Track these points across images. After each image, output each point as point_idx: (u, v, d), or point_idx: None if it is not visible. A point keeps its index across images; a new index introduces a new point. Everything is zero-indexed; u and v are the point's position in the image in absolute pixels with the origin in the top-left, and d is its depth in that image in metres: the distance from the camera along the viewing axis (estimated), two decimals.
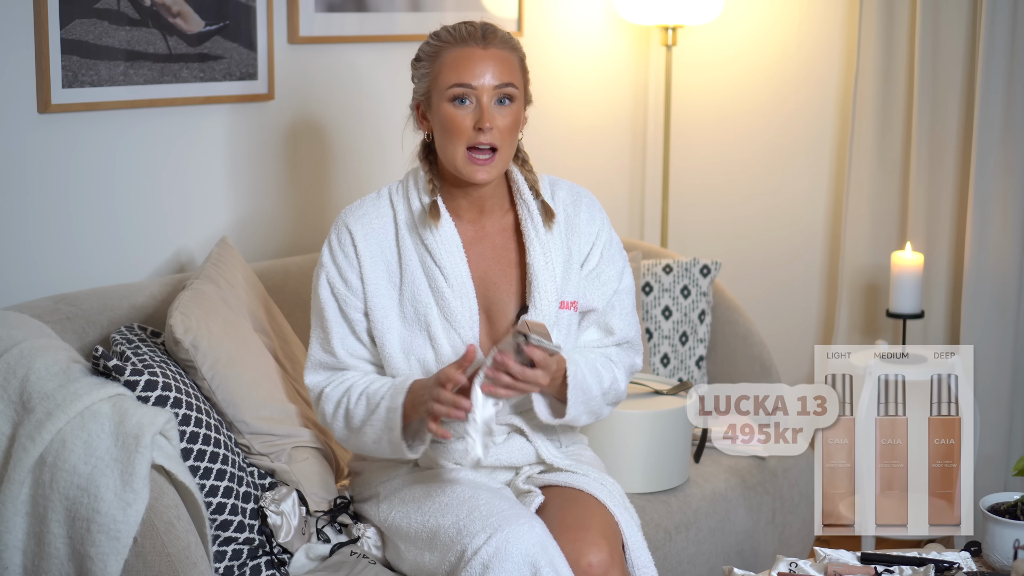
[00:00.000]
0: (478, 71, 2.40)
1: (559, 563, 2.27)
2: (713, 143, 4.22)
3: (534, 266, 2.47)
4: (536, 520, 2.32)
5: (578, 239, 2.53)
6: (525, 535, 2.27)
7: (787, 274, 4.17)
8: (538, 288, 2.46)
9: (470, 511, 2.34)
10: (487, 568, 2.25)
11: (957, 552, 2.58)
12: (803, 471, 3.27)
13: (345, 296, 2.47)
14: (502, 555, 2.25)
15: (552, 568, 2.25)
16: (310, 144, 3.27)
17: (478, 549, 2.27)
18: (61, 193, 2.78)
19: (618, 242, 2.61)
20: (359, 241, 2.46)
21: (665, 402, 2.95)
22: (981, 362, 3.66)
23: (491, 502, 2.36)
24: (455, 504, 2.38)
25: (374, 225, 2.48)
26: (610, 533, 2.39)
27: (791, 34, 4.08)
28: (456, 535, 2.33)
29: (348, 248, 2.47)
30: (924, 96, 3.74)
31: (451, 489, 2.42)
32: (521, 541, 2.26)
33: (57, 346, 2.38)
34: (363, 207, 2.50)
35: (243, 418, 2.52)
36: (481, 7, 3.66)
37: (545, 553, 2.26)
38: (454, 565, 2.32)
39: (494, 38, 2.43)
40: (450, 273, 2.44)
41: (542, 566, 2.25)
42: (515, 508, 2.35)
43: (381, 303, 2.46)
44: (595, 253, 2.55)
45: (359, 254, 2.46)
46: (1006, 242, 3.67)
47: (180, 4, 2.92)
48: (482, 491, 2.41)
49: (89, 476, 2.17)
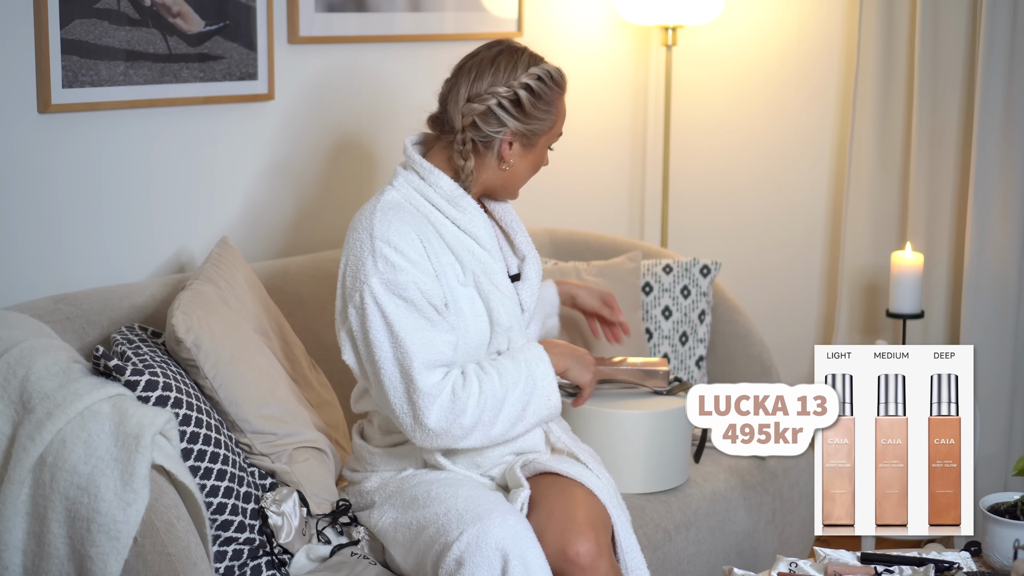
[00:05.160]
0: None
1: (530, 555, 2.29)
2: (713, 143, 4.22)
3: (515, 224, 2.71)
4: (511, 512, 2.35)
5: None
6: (497, 528, 2.30)
7: (787, 274, 4.17)
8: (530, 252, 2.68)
9: (447, 509, 2.38)
10: (461, 564, 2.29)
11: (957, 552, 2.58)
12: (803, 471, 3.27)
13: (435, 292, 2.45)
14: (474, 549, 2.29)
15: (521, 560, 2.27)
16: (310, 144, 3.27)
17: (452, 544, 2.31)
18: (61, 193, 2.78)
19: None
20: (424, 240, 2.47)
21: (665, 402, 2.95)
22: (981, 362, 3.66)
23: (470, 498, 2.39)
24: (435, 503, 2.41)
25: (421, 223, 2.49)
26: (598, 524, 2.41)
27: (791, 34, 4.08)
28: (435, 533, 2.37)
29: (418, 246, 2.45)
30: (924, 96, 3.74)
31: (434, 489, 2.45)
32: (492, 534, 2.29)
33: (57, 346, 2.38)
34: (402, 209, 2.50)
35: (245, 416, 2.52)
36: (481, 7, 3.66)
37: (516, 545, 2.28)
38: (435, 562, 2.34)
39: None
40: (486, 243, 2.55)
41: (512, 558, 2.27)
42: (492, 502, 2.37)
43: (455, 295, 2.50)
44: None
45: (427, 250, 2.47)
46: (1006, 242, 3.67)
47: (180, 4, 2.92)
48: (463, 488, 2.44)
49: (89, 476, 2.17)
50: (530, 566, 2.29)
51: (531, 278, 2.65)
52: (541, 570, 2.30)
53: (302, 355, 2.82)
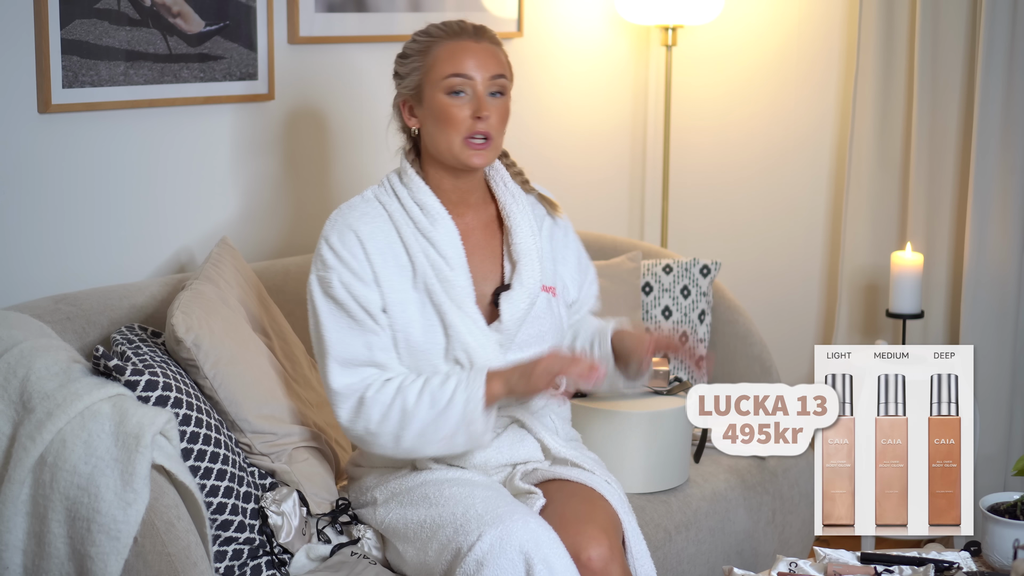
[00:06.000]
0: (474, 62, 2.47)
1: (553, 558, 2.27)
2: (713, 143, 4.22)
3: (520, 245, 2.55)
4: (532, 515, 2.33)
5: (551, 241, 2.65)
6: (519, 531, 2.28)
7: (787, 274, 4.17)
8: (524, 264, 2.54)
9: (466, 509, 2.35)
10: (482, 565, 2.26)
11: (957, 552, 2.58)
12: (803, 471, 3.26)
13: (364, 294, 2.46)
14: (496, 551, 2.26)
15: (545, 564, 2.25)
16: (310, 144, 3.27)
17: (472, 545, 2.28)
18: (61, 193, 2.78)
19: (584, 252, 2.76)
20: (366, 241, 2.48)
21: (665, 402, 2.95)
22: (981, 362, 3.66)
23: (488, 499, 2.37)
24: (452, 503, 2.39)
25: (376, 223, 2.50)
26: (611, 528, 2.40)
27: (791, 34, 4.08)
28: (453, 533, 2.34)
29: (355, 248, 2.47)
30: (924, 96, 3.74)
31: (448, 488, 2.43)
32: (515, 537, 2.27)
33: (57, 346, 2.38)
34: (357, 208, 2.53)
35: (245, 416, 2.52)
36: (481, 7, 3.66)
37: (539, 549, 2.26)
38: (451, 563, 2.33)
39: (484, 33, 2.52)
40: (454, 262, 2.49)
41: (535, 562, 2.25)
42: (511, 505, 2.36)
43: (399, 298, 2.48)
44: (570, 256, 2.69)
45: (368, 253, 2.47)
46: (1006, 242, 3.67)
47: (180, 4, 2.92)
48: (479, 489, 2.42)
49: (89, 476, 2.17)
50: (555, 569, 2.26)
51: (515, 292, 2.53)
52: (567, 572, 2.28)
53: (302, 355, 2.82)
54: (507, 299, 2.52)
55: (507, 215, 2.57)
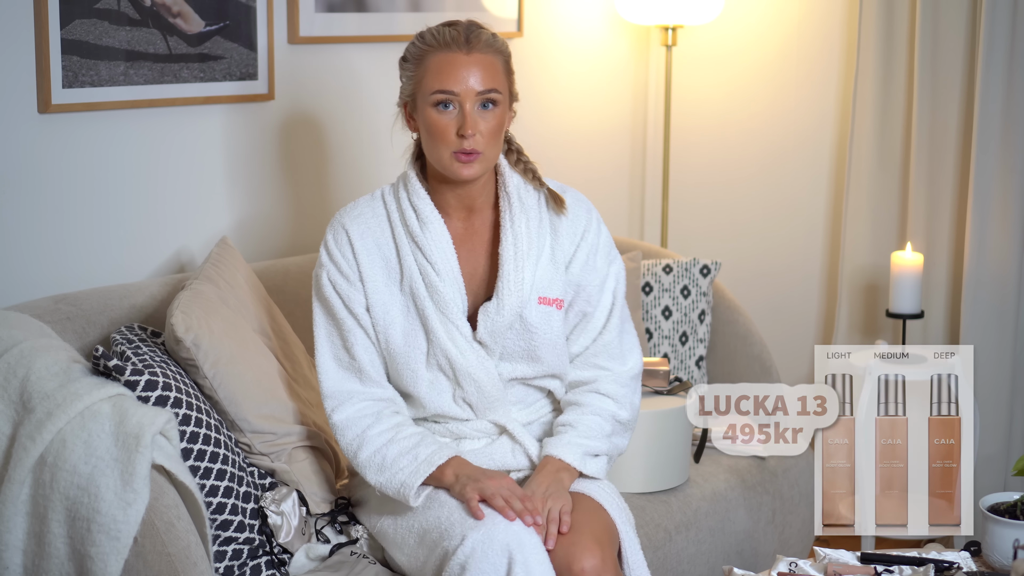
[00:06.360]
0: (460, 77, 2.41)
1: (532, 563, 2.26)
2: (713, 143, 4.22)
3: (503, 256, 2.49)
4: (518, 520, 2.33)
5: (561, 240, 2.54)
6: (502, 532, 2.28)
7: (787, 274, 4.17)
8: (503, 279, 2.48)
9: (451, 512, 2.37)
10: (464, 568, 2.26)
11: (957, 552, 2.58)
12: (803, 471, 3.27)
13: (348, 293, 2.49)
14: (479, 553, 2.27)
15: (524, 568, 2.25)
16: (310, 144, 3.27)
17: (456, 548, 2.29)
18: (61, 193, 2.78)
19: (607, 244, 2.59)
20: (355, 240, 2.49)
21: (665, 402, 2.95)
22: (981, 362, 3.66)
23: None
24: (437, 506, 2.40)
25: (370, 224, 2.51)
26: (604, 538, 2.38)
27: (791, 34, 4.08)
28: (439, 537, 2.35)
29: (345, 247, 2.50)
30: (924, 96, 3.74)
31: (436, 494, 2.43)
32: (498, 538, 2.27)
33: (57, 346, 2.38)
34: (358, 207, 2.54)
35: (245, 416, 2.52)
36: (481, 7, 3.66)
37: (522, 550, 2.26)
38: (438, 566, 2.33)
39: (477, 42, 2.43)
40: (441, 268, 2.48)
41: (516, 563, 2.25)
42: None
43: (381, 299, 2.49)
44: (579, 257, 2.55)
45: (356, 252, 2.49)
46: (1006, 242, 3.67)
47: (180, 4, 2.92)
48: None
49: (89, 476, 2.17)
50: (532, 572, 2.25)
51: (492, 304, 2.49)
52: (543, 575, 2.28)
53: (302, 355, 2.82)
54: (484, 311, 2.49)
55: (503, 222, 2.51)
